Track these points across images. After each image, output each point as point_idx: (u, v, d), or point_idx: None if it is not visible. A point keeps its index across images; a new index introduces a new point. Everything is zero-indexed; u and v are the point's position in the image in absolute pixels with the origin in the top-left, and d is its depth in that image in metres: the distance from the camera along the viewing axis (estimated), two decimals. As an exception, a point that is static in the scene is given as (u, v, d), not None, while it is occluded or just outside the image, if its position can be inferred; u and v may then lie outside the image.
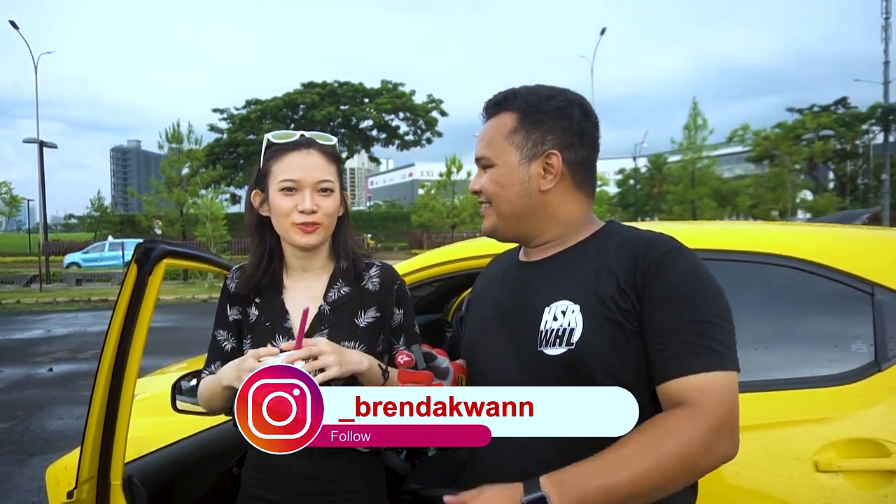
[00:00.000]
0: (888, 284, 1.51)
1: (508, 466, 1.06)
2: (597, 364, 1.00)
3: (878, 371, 1.45)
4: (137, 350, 1.25)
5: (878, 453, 1.37)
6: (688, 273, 1.00)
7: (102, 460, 1.19)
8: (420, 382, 1.08)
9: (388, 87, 39.20)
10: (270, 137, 1.42)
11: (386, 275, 1.48)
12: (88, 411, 1.21)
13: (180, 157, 23.00)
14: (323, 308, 1.42)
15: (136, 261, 1.27)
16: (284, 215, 1.37)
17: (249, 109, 38.09)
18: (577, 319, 1.03)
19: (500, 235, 1.18)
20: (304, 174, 1.37)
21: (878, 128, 35.09)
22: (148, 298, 1.26)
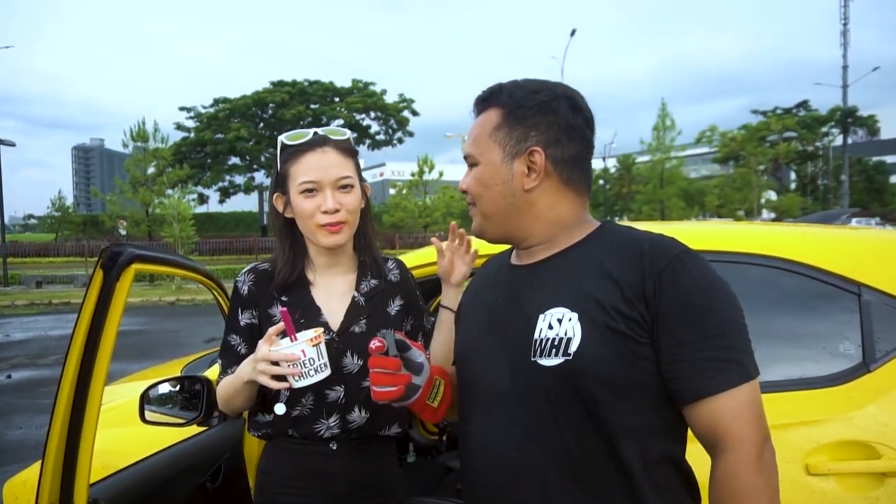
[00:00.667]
0: (874, 284, 1.50)
1: (507, 487, 1.01)
2: (596, 376, 0.94)
3: (867, 372, 1.44)
4: (103, 364, 1.15)
5: (869, 455, 1.36)
6: (703, 280, 0.96)
7: (65, 482, 1.10)
8: (388, 368, 1.05)
9: (358, 86, 38.90)
10: (284, 139, 1.42)
11: (402, 267, 1.58)
12: (49, 430, 1.11)
13: (146, 156, 22.45)
14: (357, 300, 1.46)
15: (101, 266, 1.17)
16: (308, 217, 1.39)
17: (217, 108, 37.36)
18: (574, 328, 0.96)
19: (488, 236, 1.13)
20: (323, 174, 1.38)
21: (838, 130, 36.20)
22: (115, 307, 1.16)
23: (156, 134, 22.57)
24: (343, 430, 1.39)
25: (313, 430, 1.38)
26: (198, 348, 7.97)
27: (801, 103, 37.54)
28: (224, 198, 39.62)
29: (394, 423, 1.46)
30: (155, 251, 1.32)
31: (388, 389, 1.05)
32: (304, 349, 1.22)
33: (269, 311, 1.43)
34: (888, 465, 1.34)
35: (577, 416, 0.96)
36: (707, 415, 0.92)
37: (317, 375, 1.23)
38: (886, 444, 1.35)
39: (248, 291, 1.45)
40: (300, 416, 1.38)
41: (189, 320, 12.24)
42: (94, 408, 1.15)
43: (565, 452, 0.96)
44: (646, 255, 0.97)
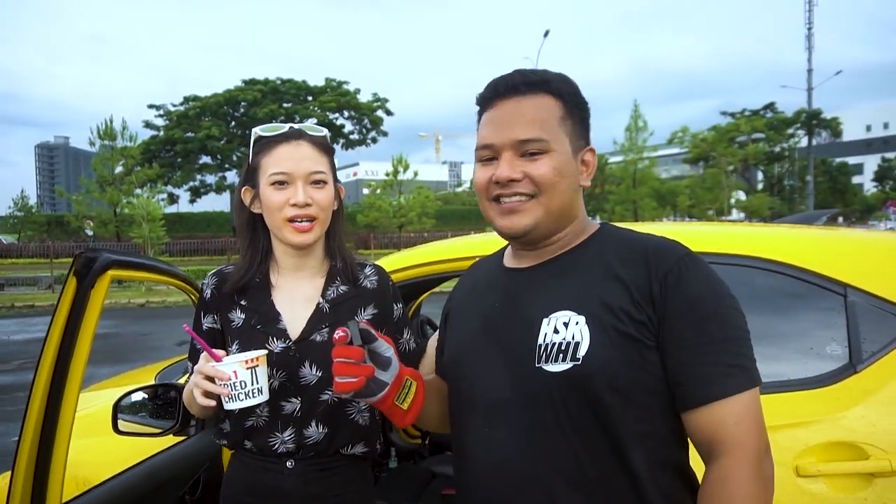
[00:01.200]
0: (860, 285, 1.51)
1: (510, 499, 0.97)
2: (606, 381, 0.91)
3: (854, 373, 1.45)
4: (76, 377, 1.08)
5: (857, 456, 1.37)
6: (708, 284, 0.94)
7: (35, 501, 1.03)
8: (350, 357, 0.98)
9: (332, 84, 38.55)
10: (258, 131, 1.37)
11: (381, 273, 1.48)
12: (18, 447, 1.04)
13: (113, 155, 21.93)
14: (322, 306, 1.38)
15: (74, 273, 1.10)
16: (276, 210, 1.32)
17: (188, 106, 36.66)
18: (582, 331, 0.93)
19: (537, 233, 1.03)
20: (295, 166, 1.32)
21: (803, 132, 37.09)
22: (89, 316, 1.09)
23: (124, 132, 22.08)
24: (299, 446, 1.31)
25: (267, 443, 1.31)
26: (170, 352, 7.79)
27: (768, 105, 38.32)
28: (195, 198, 38.94)
29: (358, 442, 1.36)
30: (132, 256, 1.26)
31: (349, 380, 0.98)
32: (236, 370, 1.16)
33: (228, 316, 1.38)
34: (876, 466, 1.34)
35: (585, 423, 0.93)
36: (709, 419, 0.90)
37: (248, 400, 1.17)
38: (874, 445, 1.36)
39: (211, 295, 1.40)
40: (254, 426, 1.32)
41: (160, 323, 11.98)
42: (67, 423, 1.08)
43: (573, 461, 0.93)
44: (650, 257, 0.95)
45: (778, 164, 38.94)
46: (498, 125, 1.02)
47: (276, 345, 1.33)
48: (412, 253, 2.05)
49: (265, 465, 1.32)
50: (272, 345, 1.33)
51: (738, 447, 0.88)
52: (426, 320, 2.97)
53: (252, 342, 1.33)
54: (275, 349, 1.32)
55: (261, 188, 1.35)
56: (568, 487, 0.93)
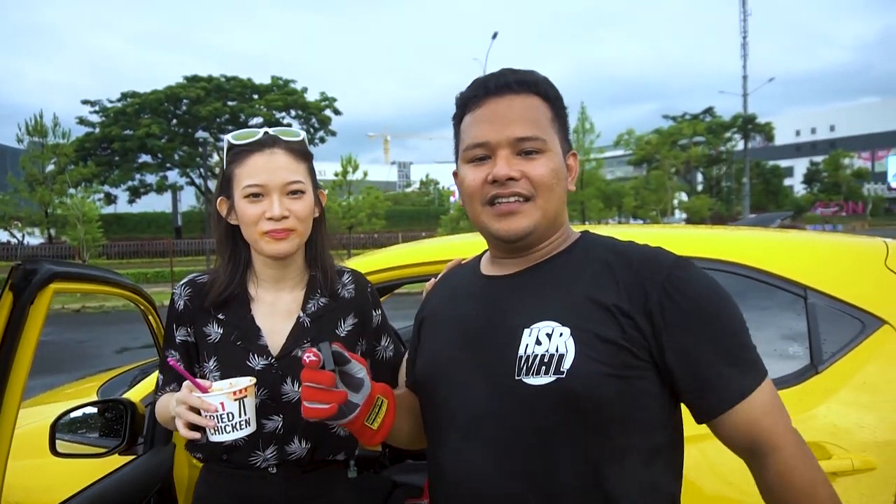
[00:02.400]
0: (820, 287, 1.54)
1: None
2: (591, 396, 0.87)
3: (816, 374, 1.48)
4: (12, 404, 0.97)
5: (821, 455, 1.39)
6: (705, 287, 0.93)
7: None
8: (321, 383, 0.94)
9: (278, 83, 37.76)
10: (231, 139, 1.31)
11: (358, 280, 1.43)
12: None
13: (44, 152, 20.79)
14: (302, 320, 1.34)
15: (11, 287, 0.97)
16: (252, 224, 1.26)
17: (126, 102, 35.15)
18: (567, 343, 0.89)
19: (533, 238, 0.99)
20: (270, 177, 1.26)
21: (739, 136, 38.73)
22: (28, 335, 0.97)
23: (56, 128, 20.96)
24: (281, 462, 1.29)
25: (248, 461, 1.27)
26: (109, 360, 7.43)
27: (707, 110, 39.82)
28: (134, 198, 37.39)
29: (339, 452, 1.35)
30: (78, 267, 1.14)
31: (320, 407, 0.93)
32: (224, 402, 1.10)
33: (204, 330, 1.31)
34: (839, 465, 1.37)
35: (566, 439, 0.89)
36: (740, 420, 0.90)
37: (234, 432, 1.11)
38: (836, 444, 1.39)
39: (184, 306, 1.33)
40: (234, 446, 1.26)
41: (97, 329, 11.41)
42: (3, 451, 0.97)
43: (552, 479, 0.89)
44: (640, 266, 0.93)
45: (716, 166, 40.51)
46: (492, 122, 0.97)
47: (256, 361, 1.28)
48: (384, 255, 1.99)
49: (246, 474, 1.28)
50: (252, 361, 1.28)
51: (781, 439, 0.90)
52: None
53: (231, 358, 1.28)
54: (255, 366, 1.27)
55: (235, 200, 1.29)
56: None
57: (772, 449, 0.89)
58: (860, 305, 1.51)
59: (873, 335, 1.48)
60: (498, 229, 0.98)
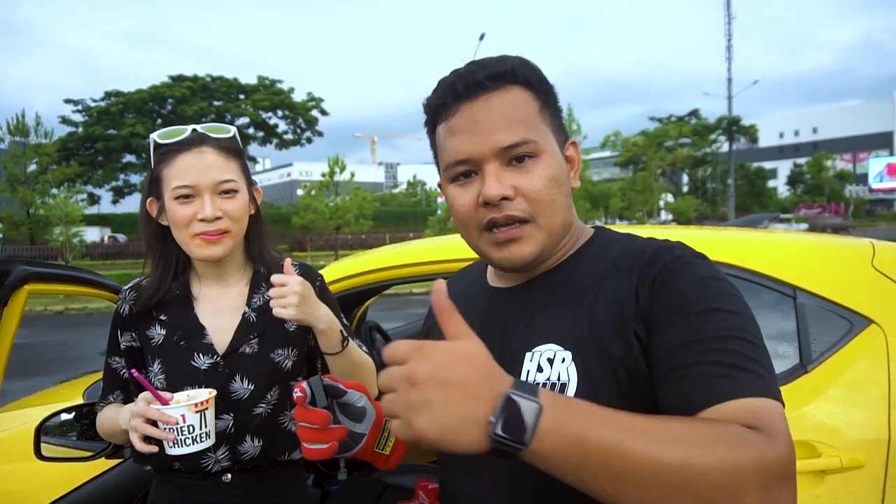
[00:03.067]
0: (809, 288, 1.56)
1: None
2: None
3: (805, 373, 1.49)
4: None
5: (810, 454, 1.40)
6: (706, 278, 0.77)
7: None
8: (314, 423, 0.85)
9: (265, 83, 37.60)
10: (156, 137, 1.26)
11: (306, 273, 1.35)
12: None
13: (26, 152, 20.50)
14: (248, 315, 1.31)
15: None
16: (183, 226, 1.22)
17: (109, 102, 34.86)
18: (569, 371, 0.79)
19: (541, 260, 0.87)
20: (200, 177, 1.22)
21: (724, 138, 39.14)
22: (2, 337, 0.96)
23: (38, 128, 20.66)
24: (234, 462, 1.26)
25: (200, 464, 1.24)
26: (92, 362, 7.34)
27: (692, 112, 40.21)
28: (118, 198, 37.10)
29: (294, 449, 1.31)
30: (54, 267, 1.12)
31: (319, 447, 0.86)
32: (185, 414, 1.08)
33: (147, 333, 1.28)
34: (827, 463, 1.38)
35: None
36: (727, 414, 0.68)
37: (194, 445, 1.10)
38: (825, 443, 1.40)
39: (128, 311, 1.30)
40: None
41: (80, 331, 11.28)
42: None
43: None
44: (646, 263, 0.81)
45: (702, 168, 40.90)
46: (470, 133, 0.82)
47: (202, 361, 1.25)
48: (351, 262, 1.99)
49: (199, 483, 1.25)
50: (198, 361, 1.25)
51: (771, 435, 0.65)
52: (374, 326, 2.89)
53: (176, 359, 1.25)
54: (201, 366, 1.24)
55: (165, 201, 1.25)
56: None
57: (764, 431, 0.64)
58: (848, 305, 1.53)
59: (861, 334, 1.50)
60: (500, 259, 0.86)
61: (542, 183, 0.82)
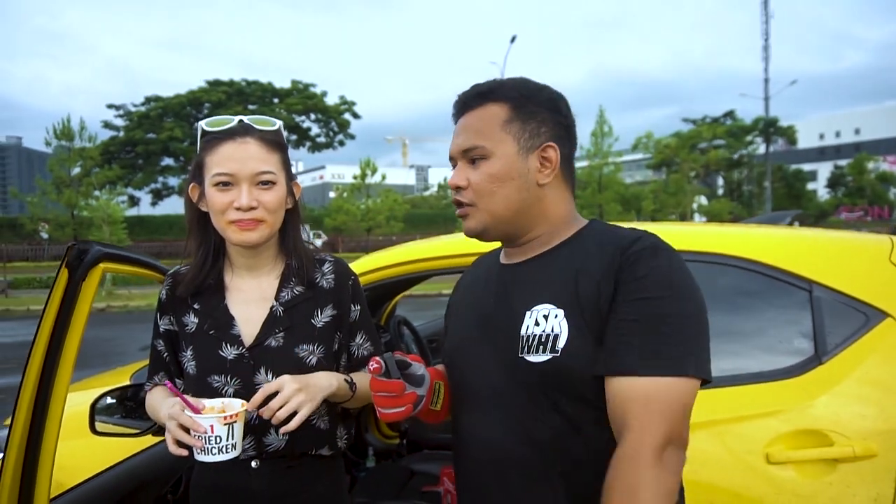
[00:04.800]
0: (824, 282, 1.59)
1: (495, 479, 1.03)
2: (583, 372, 0.95)
3: (819, 364, 1.52)
4: (66, 370, 1.07)
5: (823, 443, 1.44)
6: (662, 269, 0.94)
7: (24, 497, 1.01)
8: (392, 391, 1.04)
9: (298, 87, 38.24)
10: (203, 125, 1.30)
11: (340, 270, 1.39)
12: (8, 439, 1.03)
13: (71, 156, 21.24)
14: (276, 309, 1.32)
15: (66, 264, 1.09)
16: (220, 213, 1.26)
17: (149, 106, 35.91)
18: (561, 324, 0.97)
19: (489, 236, 1.09)
20: (240, 166, 1.25)
21: (761, 139, 38.26)
22: (80, 309, 1.08)
23: (82, 132, 21.38)
24: (259, 453, 1.29)
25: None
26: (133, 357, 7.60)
27: (727, 113, 39.40)
28: (156, 200, 38.12)
29: (322, 446, 1.33)
30: (122, 250, 1.24)
31: (396, 411, 1.05)
32: (213, 424, 1.12)
33: (182, 320, 1.33)
34: (840, 452, 1.42)
35: (562, 410, 0.98)
36: (620, 392, 0.90)
37: (220, 455, 1.14)
38: (838, 432, 1.43)
39: (166, 297, 1.36)
40: None
41: (122, 328, 11.66)
42: (57, 410, 1.08)
43: (551, 445, 0.98)
44: (619, 249, 0.98)
45: (737, 170, 40.08)
46: (454, 137, 1.10)
47: (229, 351, 1.29)
48: (380, 254, 2.07)
49: (230, 468, 1.26)
50: (225, 351, 1.29)
51: (644, 429, 0.86)
52: (402, 320, 2.98)
53: (205, 348, 1.30)
54: (228, 356, 1.29)
55: (206, 188, 1.28)
56: (546, 469, 0.99)
57: (628, 432, 0.87)
58: (864, 299, 1.55)
59: (876, 328, 1.52)
60: (463, 231, 1.12)
61: (482, 177, 1.05)
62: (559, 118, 1.07)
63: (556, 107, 1.07)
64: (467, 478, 1.10)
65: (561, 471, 0.98)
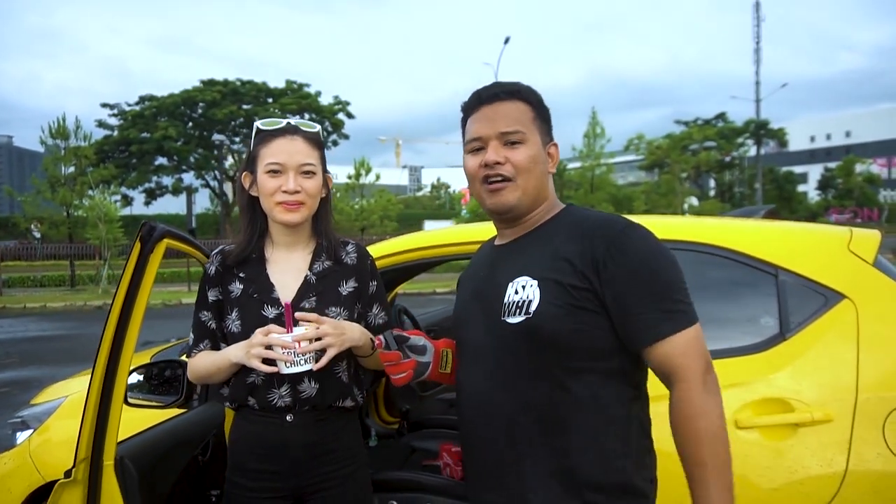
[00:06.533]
0: (789, 267, 1.76)
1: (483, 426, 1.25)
2: (551, 329, 1.15)
3: (783, 340, 1.69)
4: (134, 330, 1.31)
5: (785, 409, 1.61)
6: (645, 247, 1.17)
7: (97, 440, 1.20)
8: (392, 360, 1.35)
9: (292, 87, 38.26)
10: (259, 125, 1.56)
11: (360, 250, 1.67)
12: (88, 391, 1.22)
13: (66, 155, 21.22)
14: (309, 278, 1.57)
15: (140, 238, 1.34)
16: (270, 194, 1.51)
17: (143, 106, 35.82)
18: (534, 292, 1.17)
19: (517, 211, 1.27)
20: (289, 158, 1.51)
21: (752, 141, 38.63)
22: (147, 277, 1.31)
23: (77, 131, 21.34)
24: (294, 400, 1.49)
25: (267, 398, 1.49)
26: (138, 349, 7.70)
27: (719, 115, 39.75)
28: (150, 200, 38.00)
29: (346, 397, 1.56)
30: (180, 231, 1.50)
31: (401, 375, 1.35)
32: (299, 340, 1.39)
33: (228, 288, 1.56)
34: (799, 417, 1.59)
35: (536, 362, 1.18)
36: (661, 355, 1.14)
37: (304, 365, 1.40)
38: (799, 400, 1.60)
39: (215, 270, 1.58)
40: (254, 384, 1.50)
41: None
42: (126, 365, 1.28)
43: (527, 395, 1.18)
44: (596, 231, 1.18)
45: (728, 171, 40.45)
46: (484, 122, 1.27)
47: (270, 311, 1.52)
48: (390, 242, 2.24)
49: (267, 420, 1.51)
50: (267, 311, 1.52)
51: (687, 372, 1.12)
52: (402, 309, 3.14)
53: (249, 308, 1.52)
54: (269, 315, 1.52)
55: (258, 175, 1.54)
56: (525, 417, 1.18)
57: (678, 380, 1.12)
58: (824, 282, 1.73)
59: (835, 308, 1.70)
60: (491, 203, 1.28)
61: (524, 157, 1.24)
62: (551, 126, 1.33)
63: (550, 116, 1.33)
64: (464, 424, 1.31)
65: (539, 416, 1.17)
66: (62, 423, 2.17)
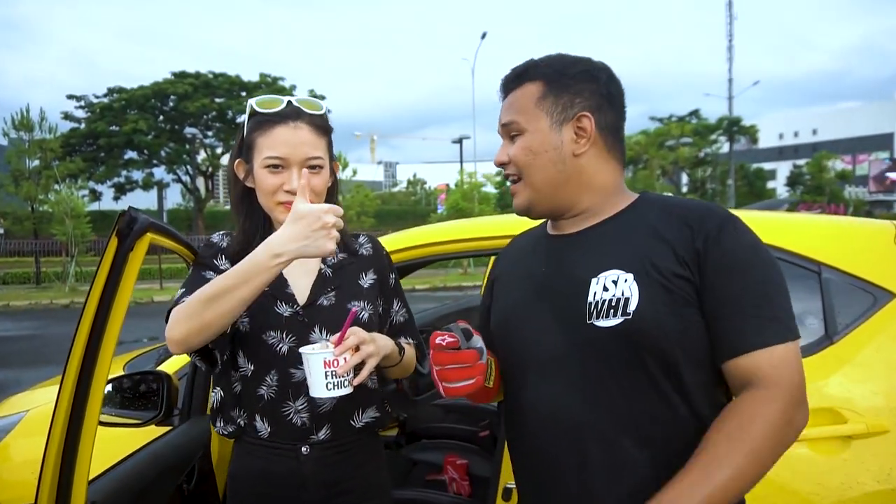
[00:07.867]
0: (833, 263, 1.62)
1: (568, 448, 1.01)
2: (657, 334, 0.96)
3: (830, 344, 1.55)
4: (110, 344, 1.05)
5: (836, 420, 1.47)
6: (748, 242, 1.00)
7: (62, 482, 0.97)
8: (465, 362, 1.01)
9: (266, 80, 37.56)
10: (254, 105, 1.31)
11: (375, 241, 1.50)
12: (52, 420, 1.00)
13: (30, 148, 20.46)
14: (324, 272, 1.38)
15: (117, 232, 1.08)
16: (270, 193, 1.29)
17: (112, 98, 34.80)
18: (631, 288, 0.98)
19: (536, 212, 1.12)
20: (292, 151, 1.27)
21: (724, 138, 39.18)
22: (126, 281, 1.06)
23: (42, 123, 20.59)
24: (312, 415, 1.29)
25: (281, 413, 1.28)
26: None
27: (693, 112, 40.22)
28: (119, 194, 37.00)
29: (370, 406, 1.35)
30: (165, 225, 1.25)
31: (466, 384, 1.02)
32: (347, 357, 1.17)
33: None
34: (853, 429, 1.45)
35: (636, 371, 0.98)
36: (748, 366, 0.94)
37: (346, 388, 1.18)
38: (851, 410, 1.46)
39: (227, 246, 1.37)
40: (266, 398, 1.29)
41: (86, 324, 11.31)
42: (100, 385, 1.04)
43: (625, 410, 0.98)
44: (695, 219, 1.01)
45: (702, 168, 40.93)
46: (501, 113, 1.14)
47: (284, 308, 1.32)
48: (398, 236, 2.05)
49: (278, 451, 1.28)
50: (280, 308, 1.31)
51: (773, 385, 0.92)
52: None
53: (260, 306, 1.29)
54: (283, 313, 1.31)
55: (255, 167, 1.31)
56: (620, 434, 0.98)
57: (763, 386, 0.92)
58: (871, 280, 1.59)
59: (884, 308, 1.56)
60: (514, 206, 1.15)
61: (517, 152, 1.08)
62: (596, 88, 1.08)
63: (593, 77, 1.09)
64: (533, 451, 1.08)
65: (639, 436, 0.98)
66: (23, 442, 1.94)
